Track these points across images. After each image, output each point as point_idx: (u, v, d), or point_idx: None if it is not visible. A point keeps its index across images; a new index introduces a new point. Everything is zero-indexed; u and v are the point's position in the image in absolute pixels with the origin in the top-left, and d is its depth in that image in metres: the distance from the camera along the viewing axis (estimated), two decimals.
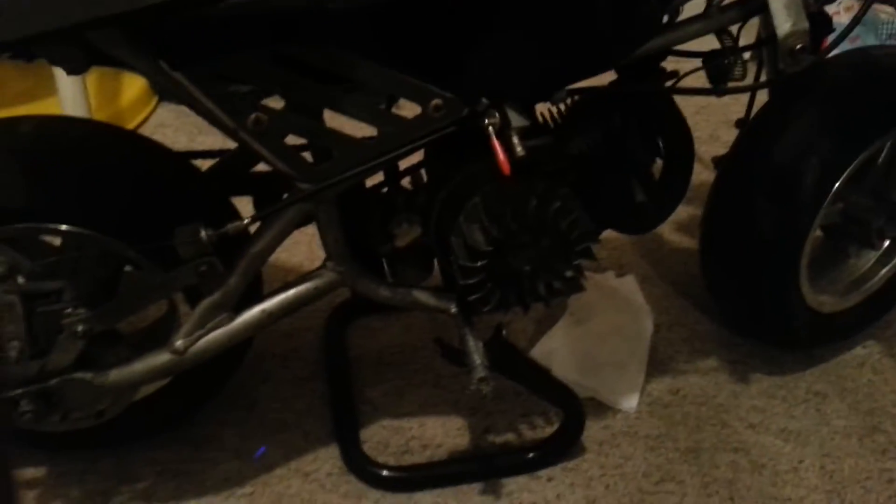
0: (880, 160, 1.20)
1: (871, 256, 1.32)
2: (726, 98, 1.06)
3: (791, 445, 1.19)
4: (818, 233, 1.29)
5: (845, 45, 1.06)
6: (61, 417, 0.96)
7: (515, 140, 0.86)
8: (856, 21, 0.96)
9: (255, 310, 0.96)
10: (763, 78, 1.10)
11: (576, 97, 0.98)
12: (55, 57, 0.78)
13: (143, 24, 0.71)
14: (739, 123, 1.21)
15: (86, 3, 0.68)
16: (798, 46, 0.92)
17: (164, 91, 1.80)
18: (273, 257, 0.96)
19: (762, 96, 1.14)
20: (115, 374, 0.93)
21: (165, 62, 0.76)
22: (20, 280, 0.90)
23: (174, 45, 0.75)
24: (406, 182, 1.05)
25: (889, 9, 2.15)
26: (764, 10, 0.93)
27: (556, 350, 1.28)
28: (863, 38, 1.88)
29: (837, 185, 1.11)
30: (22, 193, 0.87)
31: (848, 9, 1.72)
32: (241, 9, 0.72)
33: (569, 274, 0.99)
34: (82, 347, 0.91)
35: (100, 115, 1.65)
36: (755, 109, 1.18)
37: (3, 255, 0.90)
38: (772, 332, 1.30)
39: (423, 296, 1.01)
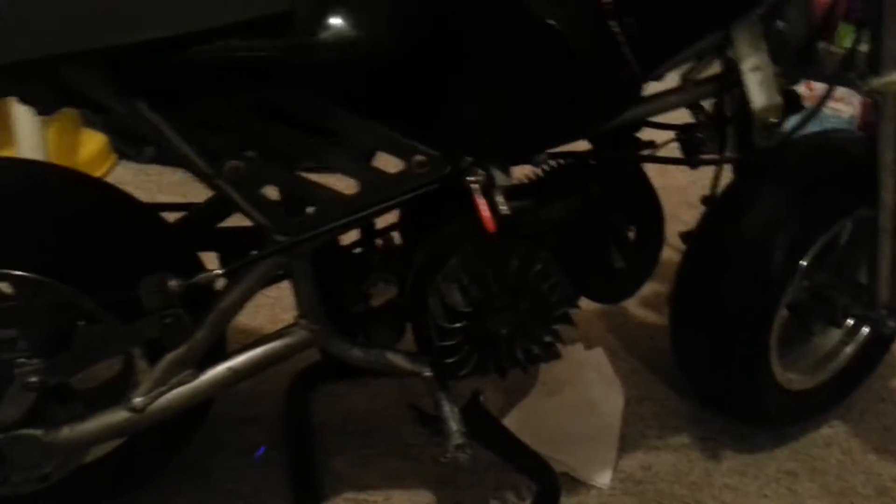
0: (842, 240, 1.23)
1: (836, 335, 1.33)
2: (684, 180, 1.08)
3: None
4: (784, 311, 1.31)
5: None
6: (2, 479, 0.88)
7: (500, 199, 0.85)
8: (822, 102, 1.00)
9: (221, 367, 0.92)
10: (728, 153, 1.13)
11: (556, 162, 0.99)
12: (26, 94, 0.76)
13: (124, 62, 0.70)
14: (706, 200, 1.23)
15: (65, 36, 0.66)
16: (772, 121, 0.95)
17: (124, 150, 1.78)
18: (233, 320, 0.92)
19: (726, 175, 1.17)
20: (67, 432, 0.87)
21: (143, 105, 0.74)
22: None
23: (152, 88, 0.73)
24: (380, 242, 1.03)
25: (836, 103, 2.26)
26: (738, 86, 0.96)
27: (527, 421, 1.25)
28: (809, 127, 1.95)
29: (804, 262, 1.13)
30: None
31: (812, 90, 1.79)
32: (221, 55, 0.71)
33: (547, 339, 0.97)
34: (33, 401, 0.84)
35: None
36: (719, 187, 1.20)
37: None
38: (742, 408, 1.29)
39: (396, 358, 0.98)
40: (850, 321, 1.32)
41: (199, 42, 0.71)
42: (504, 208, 0.84)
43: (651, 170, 1.02)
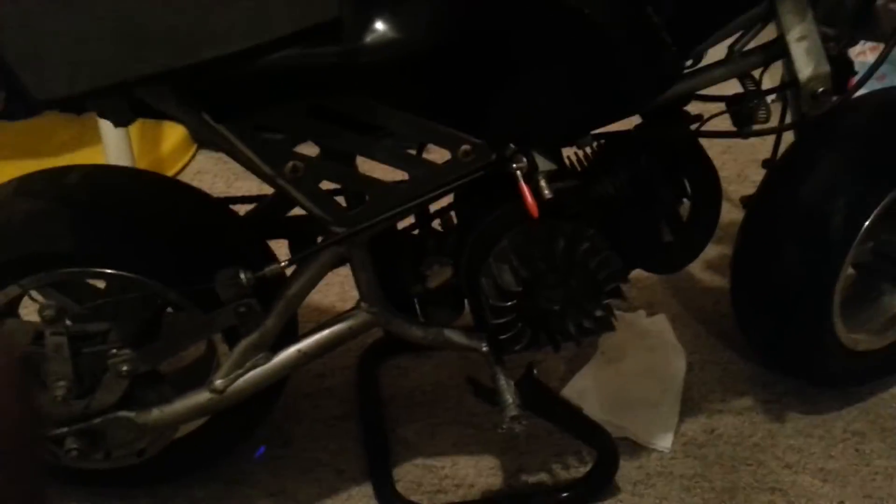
0: None
1: None
2: (753, 139, 1.07)
3: (830, 486, 1.17)
4: (851, 271, 1.29)
5: (873, 84, 1.07)
6: (104, 455, 0.99)
7: (543, 183, 0.88)
8: (879, 62, 0.97)
9: (292, 349, 0.99)
10: (788, 119, 1.12)
11: (602, 141, 1.00)
12: (105, 111, 0.83)
13: (189, 79, 0.76)
14: (766, 164, 1.22)
15: (137, 61, 0.72)
16: (820, 90, 0.94)
17: (203, 140, 1.87)
18: (307, 298, 0.99)
19: (788, 136, 1.16)
20: (157, 413, 0.96)
21: (209, 115, 0.80)
22: (68, 322, 0.94)
23: (217, 99, 0.79)
24: (436, 224, 1.08)
25: None
26: (785, 55, 0.94)
27: (588, 390, 1.29)
28: (889, 78, 1.87)
29: (866, 224, 1.11)
30: (70, 240, 0.91)
31: (874, 49, 1.72)
32: (279, 65, 0.76)
33: (599, 313, 1.00)
34: (126, 387, 0.94)
35: (142, 163, 1.71)
36: (782, 149, 1.19)
37: (51, 299, 0.94)
38: (806, 370, 1.29)
39: (454, 335, 1.03)
40: None
41: (257, 55, 0.75)
42: (547, 192, 0.87)
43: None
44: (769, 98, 1.02)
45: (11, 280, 0.92)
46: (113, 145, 1.61)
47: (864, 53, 1.74)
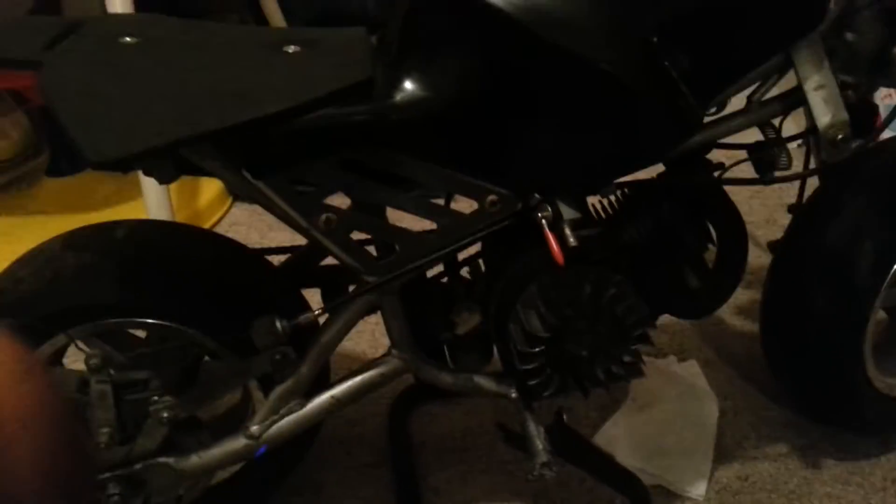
0: None
1: None
2: (781, 184, 1.08)
3: None
4: (882, 315, 1.28)
5: None
6: (143, 502, 1.01)
7: (567, 231, 0.90)
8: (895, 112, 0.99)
9: (325, 396, 1.01)
10: (812, 164, 1.13)
11: (626, 189, 1.03)
12: (151, 170, 0.87)
13: (231, 139, 0.80)
14: (792, 209, 1.23)
15: (186, 123, 0.76)
16: (839, 137, 0.95)
17: (241, 195, 1.93)
18: (339, 346, 1.02)
19: (813, 181, 1.17)
20: (196, 459, 0.99)
21: (248, 172, 0.84)
22: (111, 371, 0.97)
23: (256, 157, 0.84)
24: (465, 272, 1.10)
25: None
26: (804, 104, 0.97)
27: (620, 436, 1.28)
28: None
29: (894, 268, 1.11)
30: (113, 291, 0.95)
31: None
32: (315, 123, 0.80)
33: (627, 359, 1.01)
34: (166, 433, 0.97)
35: (180, 216, 1.77)
36: (807, 194, 1.20)
37: (97, 348, 0.98)
38: (840, 416, 1.28)
39: (484, 381, 1.05)
40: None
41: (296, 115, 0.80)
42: (572, 240, 0.90)
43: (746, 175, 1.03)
44: (793, 144, 1.04)
45: (59, 330, 0.96)
46: (153, 200, 1.67)
47: (889, 96, 1.76)
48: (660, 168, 1.04)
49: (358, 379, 1.02)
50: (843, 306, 1.14)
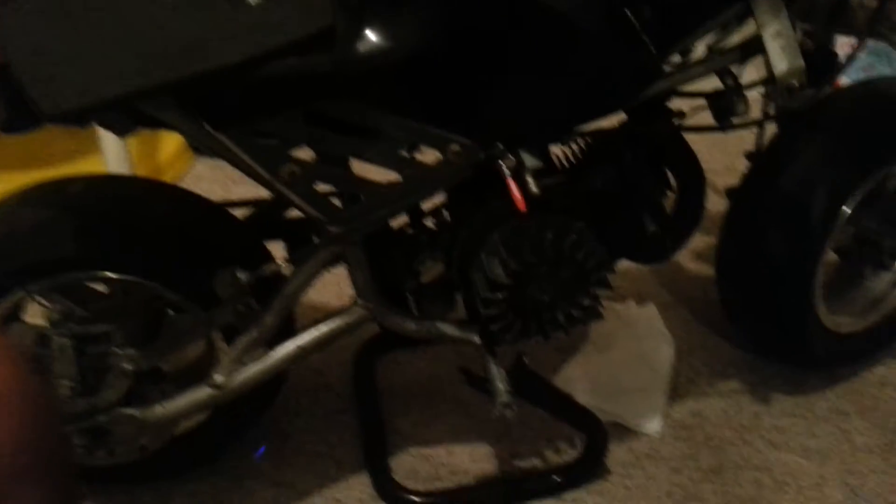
0: (891, 185, 1.23)
1: (886, 278, 1.34)
2: (741, 131, 1.10)
3: (814, 463, 1.21)
4: (833, 256, 1.32)
5: (860, 75, 1.10)
6: (108, 452, 1.02)
7: (530, 180, 0.91)
8: (851, 58, 1.00)
9: (290, 345, 1.02)
10: (770, 112, 1.15)
11: (587, 138, 1.03)
12: (107, 122, 0.85)
13: (190, 90, 0.78)
14: (750, 155, 1.25)
15: (142, 75, 0.74)
16: (795, 84, 0.97)
17: (203, 148, 1.88)
18: (304, 296, 1.02)
19: (774, 130, 1.19)
20: (160, 409, 0.99)
21: (208, 124, 0.83)
22: (72, 325, 0.96)
23: (216, 108, 0.82)
24: (429, 222, 1.11)
25: None
26: (762, 52, 0.97)
27: (578, 377, 1.32)
28: (877, 67, 1.91)
29: (845, 210, 1.14)
30: (73, 246, 0.94)
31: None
32: (276, 74, 0.78)
33: (586, 303, 1.03)
34: (129, 385, 0.97)
35: (140, 171, 1.72)
36: (766, 141, 1.22)
37: (56, 303, 0.97)
38: (790, 353, 1.33)
39: (447, 328, 1.06)
40: None
41: (256, 66, 0.78)
42: (534, 188, 0.91)
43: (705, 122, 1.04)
44: (753, 92, 1.06)
45: (16, 285, 0.95)
46: (112, 154, 1.62)
47: (850, 45, 1.77)
48: (621, 117, 1.05)
49: (323, 328, 1.03)
50: (796, 248, 1.17)
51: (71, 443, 0.66)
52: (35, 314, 1.01)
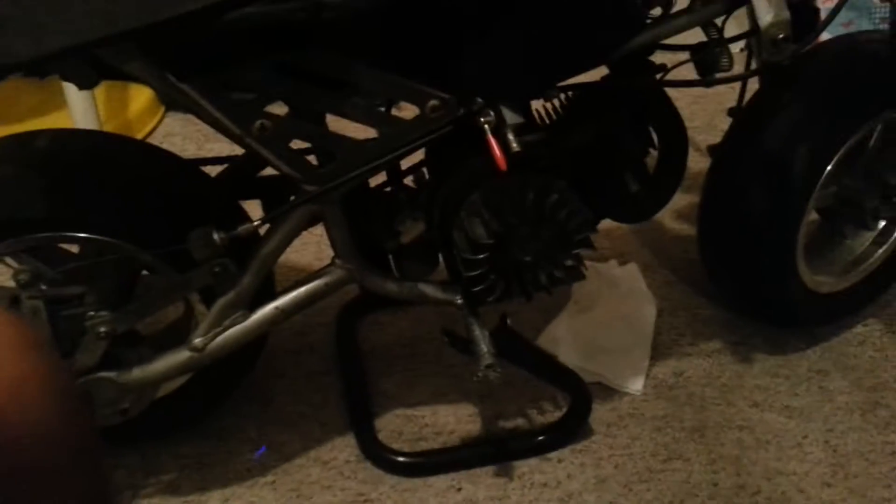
0: (871, 143, 1.23)
1: (867, 237, 1.35)
2: (722, 88, 1.09)
3: (795, 422, 1.22)
4: (814, 215, 1.32)
5: (840, 30, 1.08)
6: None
7: (510, 136, 0.89)
8: (837, 9, 0.99)
9: (269, 307, 1.01)
10: (753, 67, 1.13)
11: (569, 93, 1.01)
12: (68, 73, 0.82)
13: (152, 39, 0.75)
14: (732, 112, 1.24)
15: (99, 21, 0.72)
16: (780, 36, 0.95)
17: (171, 101, 1.85)
18: (284, 258, 1.00)
19: (754, 84, 1.17)
20: (138, 373, 0.98)
21: (173, 75, 0.80)
22: (43, 286, 0.94)
23: (181, 58, 0.79)
24: (409, 180, 1.09)
25: None
26: (747, 3, 0.96)
27: (562, 338, 1.32)
28: (857, 23, 1.90)
29: (828, 169, 1.14)
30: (41, 205, 0.91)
31: None
32: (243, 22, 0.75)
33: (569, 263, 1.02)
34: (105, 348, 0.95)
35: (109, 127, 1.69)
36: (748, 98, 1.21)
37: (26, 264, 0.95)
38: (772, 313, 1.33)
39: (429, 289, 1.05)
40: (882, 223, 1.33)
41: (219, 12, 0.75)
42: (515, 145, 0.89)
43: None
44: (735, 47, 1.04)
45: None
46: (79, 109, 1.59)
47: (830, 0, 1.76)
48: (603, 72, 1.03)
49: (302, 289, 1.02)
50: (778, 207, 1.17)
51: (99, 435, 0.65)
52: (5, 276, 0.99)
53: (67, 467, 0.59)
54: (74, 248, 1.03)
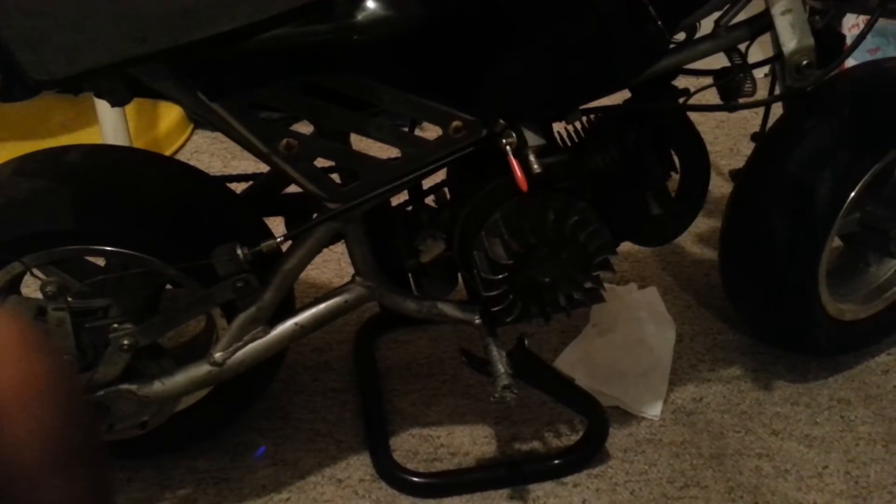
0: None
1: (892, 264, 1.33)
2: (745, 113, 1.09)
3: (815, 451, 1.20)
4: (838, 242, 1.31)
5: (866, 57, 1.08)
6: (107, 428, 1.02)
7: (532, 158, 0.90)
8: (863, 35, 0.99)
9: (289, 323, 1.01)
10: (777, 92, 1.13)
11: (591, 115, 1.02)
12: (102, 91, 0.84)
13: (184, 59, 0.77)
14: (755, 137, 1.24)
15: (135, 41, 0.73)
16: (804, 62, 0.95)
17: (199, 120, 1.88)
18: (305, 275, 1.01)
19: (778, 110, 1.17)
20: (159, 386, 0.99)
21: (203, 94, 0.82)
22: (69, 298, 0.96)
23: (212, 78, 0.81)
24: (430, 199, 1.10)
25: None
26: (771, 28, 0.96)
27: (580, 360, 1.31)
28: (884, 50, 1.89)
29: (851, 195, 1.13)
30: (70, 218, 0.93)
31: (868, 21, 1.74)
32: (273, 42, 0.77)
33: (588, 285, 1.02)
34: (128, 361, 0.96)
35: (139, 143, 1.72)
36: (770, 123, 1.20)
37: (53, 276, 0.96)
38: (793, 340, 1.32)
39: (448, 308, 1.05)
40: None
41: (252, 34, 0.77)
42: (536, 167, 0.89)
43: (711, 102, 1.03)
44: (759, 72, 1.04)
45: (14, 258, 0.94)
46: (110, 126, 1.62)
47: (856, 26, 1.76)
48: (626, 95, 1.04)
49: (322, 306, 1.03)
50: (800, 234, 1.16)
51: (102, 434, 0.65)
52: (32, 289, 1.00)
53: (69, 467, 0.59)
54: (100, 262, 1.05)
